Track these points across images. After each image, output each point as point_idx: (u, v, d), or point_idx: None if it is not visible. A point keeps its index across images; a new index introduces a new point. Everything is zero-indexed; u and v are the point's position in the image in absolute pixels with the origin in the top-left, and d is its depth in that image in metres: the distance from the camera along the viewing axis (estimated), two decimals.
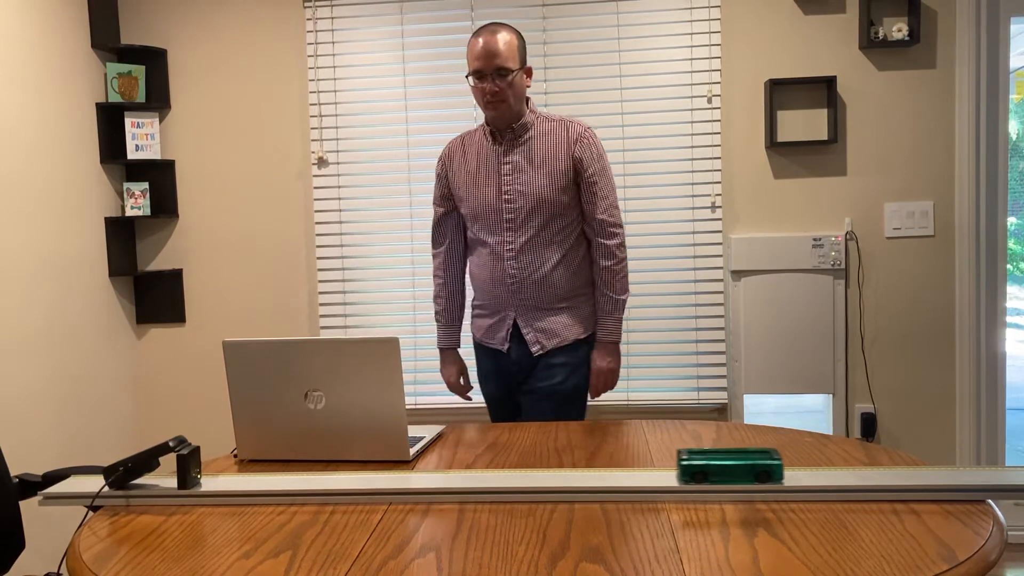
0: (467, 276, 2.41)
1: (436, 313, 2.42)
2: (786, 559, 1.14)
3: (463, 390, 2.45)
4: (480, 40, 2.14)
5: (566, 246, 2.24)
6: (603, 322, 2.28)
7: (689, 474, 1.41)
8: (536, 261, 2.22)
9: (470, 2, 3.10)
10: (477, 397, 3.19)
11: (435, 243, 2.41)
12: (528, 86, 2.24)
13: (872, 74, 3.01)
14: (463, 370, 2.44)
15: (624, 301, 2.28)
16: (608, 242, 2.24)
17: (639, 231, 3.09)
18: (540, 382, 2.27)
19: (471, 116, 3.13)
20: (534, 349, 2.26)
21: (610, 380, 2.29)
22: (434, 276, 2.41)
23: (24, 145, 2.70)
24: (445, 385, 2.46)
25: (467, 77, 2.20)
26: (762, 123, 3.06)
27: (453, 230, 2.38)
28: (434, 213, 2.39)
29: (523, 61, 2.19)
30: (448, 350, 2.42)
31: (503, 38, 2.14)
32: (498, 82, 2.14)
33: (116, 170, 3.21)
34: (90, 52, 3.07)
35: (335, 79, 3.17)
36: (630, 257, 3.10)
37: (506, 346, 2.30)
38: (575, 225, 2.26)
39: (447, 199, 2.35)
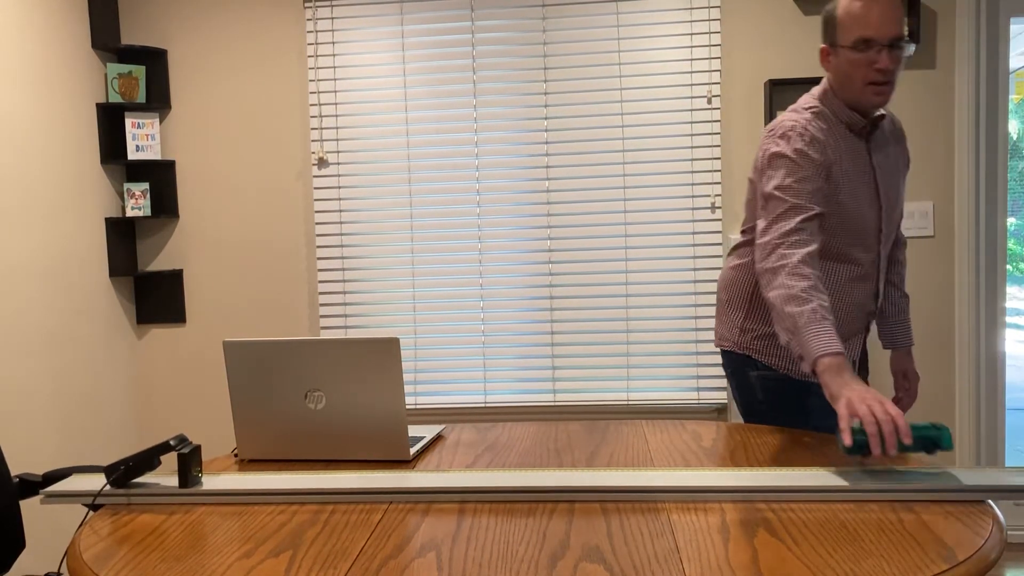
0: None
1: (822, 308, 1.59)
2: (786, 559, 1.14)
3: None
4: None
5: None
6: (909, 326, 2.08)
7: (858, 448, 1.38)
8: (883, 281, 1.92)
9: (470, 2, 3.10)
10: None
11: (801, 233, 1.68)
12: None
13: None
14: None
15: None
16: (904, 238, 2.07)
17: (639, 231, 3.09)
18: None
19: (471, 116, 3.13)
20: (862, 374, 2.02)
21: None
22: (807, 263, 1.64)
23: (24, 145, 2.70)
24: (867, 411, 1.41)
25: (826, 47, 1.78)
26: (762, 123, 3.06)
27: (818, 235, 1.73)
28: (812, 200, 1.70)
29: None
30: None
31: (897, 1, 1.70)
32: (895, 54, 1.69)
33: (116, 170, 3.21)
34: (90, 52, 3.07)
35: (335, 79, 3.17)
36: (631, 257, 3.11)
37: None
38: None
39: (823, 196, 1.74)
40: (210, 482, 1.52)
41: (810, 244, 1.67)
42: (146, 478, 1.55)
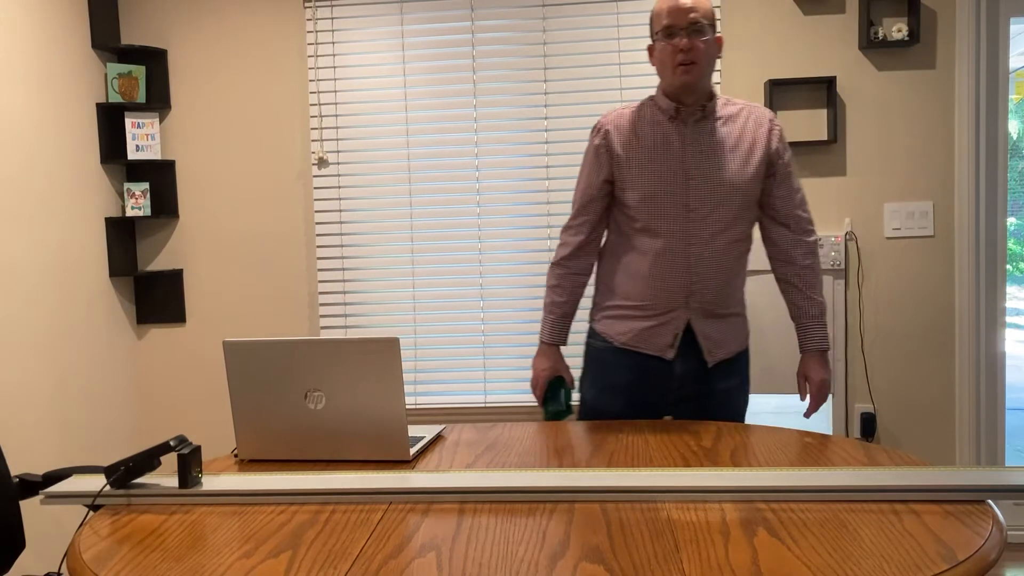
0: (602, 272, 2.14)
1: (552, 304, 2.12)
2: (786, 559, 1.14)
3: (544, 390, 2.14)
4: None
5: (744, 247, 2.03)
6: (815, 330, 2.06)
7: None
8: (720, 260, 1.98)
9: (470, 2, 3.10)
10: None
11: (573, 230, 2.11)
12: (719, 57, 1.99)
13: (872, 74, 3.01)
14: (559, 369, 2.13)
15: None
16: (808, 239, 2.06)
17: None
18: (710, 398, 2.07)
19: (471, 116, 3.13)
20: (709, 359, 2.03)
21: (827, 393, 2.09)
22: (560, 264, 2.12)
23: (24, 145, 2.70)
24: (532, 384, 2.14)
25: (650, 44, 1.99)
26: None
27: (599, 219, 2.09)
28: (581, 196, 2.08)
29: (715, 27, 1.96)
30: (554, 346, 2.12)
31: None
32: (693, 39, 1.89)
33: (116, 170, 3.21)
34: (90, 52, 3.07)
35: (335, 79, 3.17)
36: None
37: (671, 353, 2.02)
38: (752, 224, 2.05)
39: (606, 181, 2.04)
40: (210, 482, 1.52)
41: (568, 247, 2.11)
42: (146, 478, 1.55)
